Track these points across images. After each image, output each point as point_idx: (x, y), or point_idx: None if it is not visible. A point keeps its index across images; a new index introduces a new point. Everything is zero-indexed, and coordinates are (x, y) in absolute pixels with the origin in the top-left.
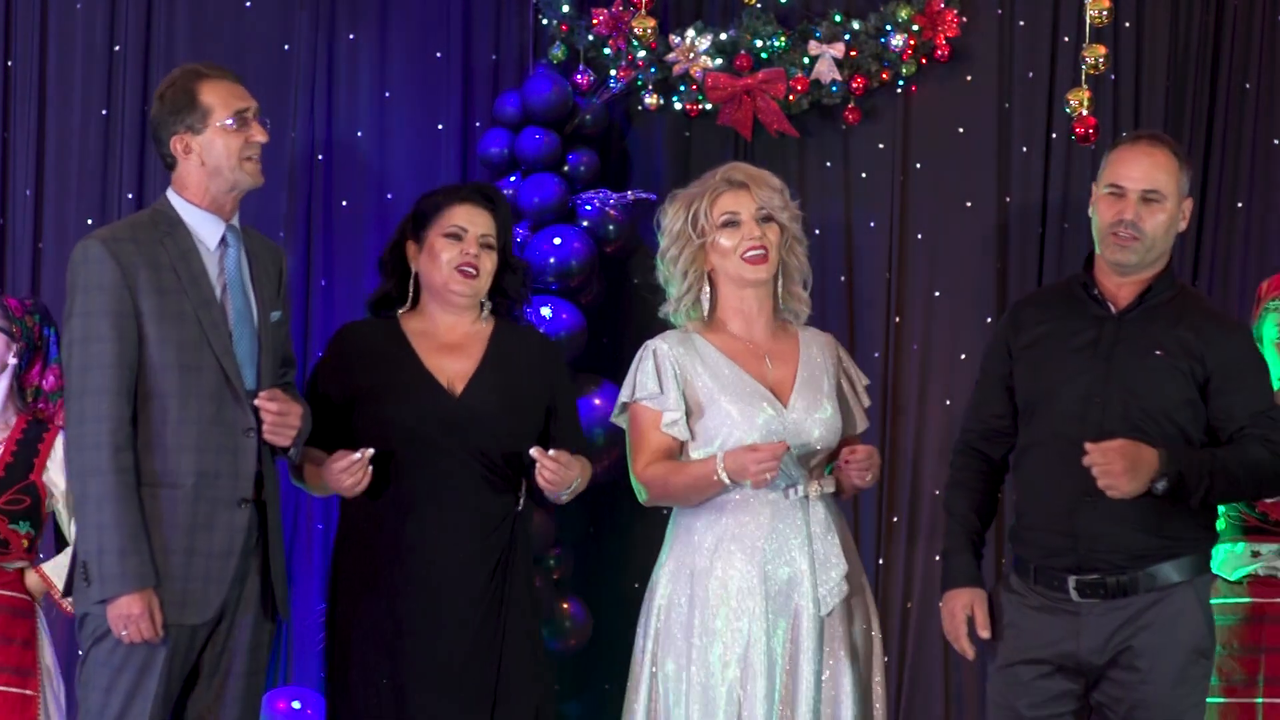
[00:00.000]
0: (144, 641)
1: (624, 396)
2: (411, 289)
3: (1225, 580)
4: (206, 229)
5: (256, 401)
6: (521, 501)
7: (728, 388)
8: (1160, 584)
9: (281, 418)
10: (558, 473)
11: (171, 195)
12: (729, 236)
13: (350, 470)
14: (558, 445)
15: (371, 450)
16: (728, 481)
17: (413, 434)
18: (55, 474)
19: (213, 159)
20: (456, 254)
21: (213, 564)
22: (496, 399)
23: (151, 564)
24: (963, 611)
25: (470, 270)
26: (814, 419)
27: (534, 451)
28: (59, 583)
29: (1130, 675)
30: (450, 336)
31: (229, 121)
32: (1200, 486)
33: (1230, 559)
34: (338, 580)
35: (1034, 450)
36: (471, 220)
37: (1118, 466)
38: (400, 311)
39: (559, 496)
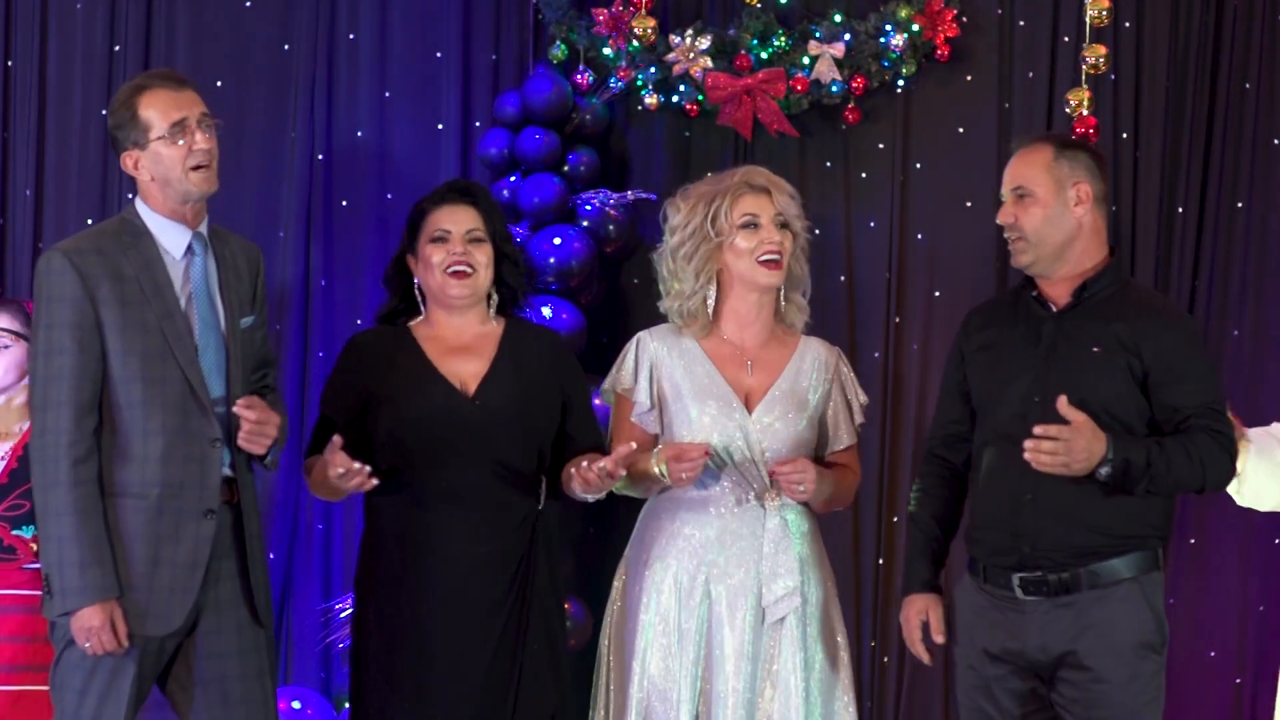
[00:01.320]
0: (107, 652)
1: (606, 383)
2: (420, 299)
3: None
4: (171, 238)
5: (235, 409)
6: (542, 501)
7: (698, 388)
8: (1104, 581)
9: (259, 426)
10: (599, 475)
11: (138, 204)
12: (747, 238)
13: (346, 479)
14: (574, 443)
15: (368, 468)
16: (661, 476)
17: (428, 436)
18: None
19: (160, 172)
20: (444, 257)
21: (178, 575)
22: (510, 399)
23: (114, 575)
24: (917, 617)
25: (462, 269)
26: (779, 428)
27: (593, 463)
28: None
29: (1081, 675)
30: (461, 339)
31: (167, 134)
32: (1145, 476)
33: None
34: (361, 583)
35: (983, 451)
36: (454, 220)
37: (1079, 443)
38: (410, 321)
39: (586, 498)
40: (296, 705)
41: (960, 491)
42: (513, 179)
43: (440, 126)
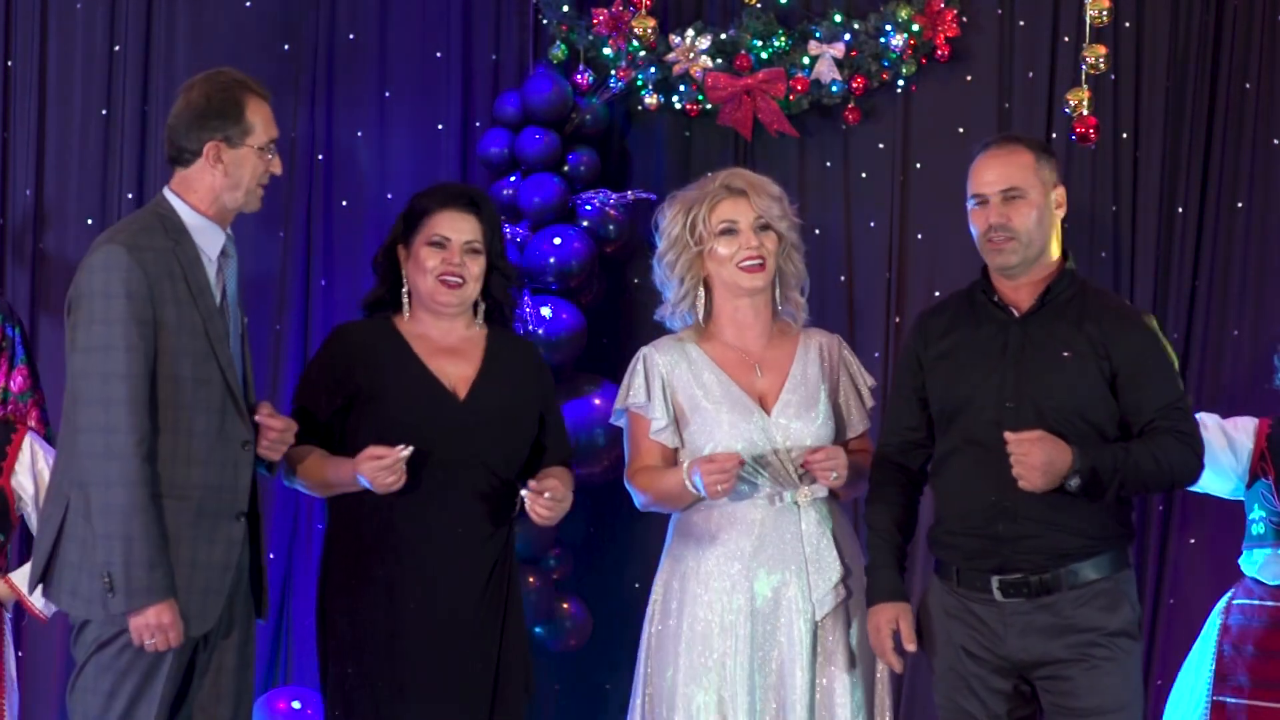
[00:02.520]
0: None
1: (618, 402)
2: (405, 293)
3: (1261, 583)
4: (208, 238)
5: (259, 418)
6: (519, 507)
7: (713, 396)
8: (1082, 581)
9: (280, 434)
10: (553, 509)
11: (172, 198)
12: (726, 245)
13: (391, 467)
14: (549, 454)
15: (410, 449)
16: (693, 490)
17: (417, 436)
18: (24, 478)
19: (238, 175)
20: (439, 263)
21: (212, 576)
22: (498, 405)
23: (172, 575)
24: (887, 626)
25: (453, 280)
26: (799, 426)
27: (528, 493)
28: (25, 589)
29: (1067, 669)
30: (447, 341)
31: (263, 146)
32: (1113, 482)
33: (1270, 563)
34: (330, 579)
35: (952, 457)
36: (455, 228)
37: (1034, 459)
38: (394, 315)
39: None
40: (296, 705)
41: (915, 497)
42: (513, 179)
43: (440, 126)
